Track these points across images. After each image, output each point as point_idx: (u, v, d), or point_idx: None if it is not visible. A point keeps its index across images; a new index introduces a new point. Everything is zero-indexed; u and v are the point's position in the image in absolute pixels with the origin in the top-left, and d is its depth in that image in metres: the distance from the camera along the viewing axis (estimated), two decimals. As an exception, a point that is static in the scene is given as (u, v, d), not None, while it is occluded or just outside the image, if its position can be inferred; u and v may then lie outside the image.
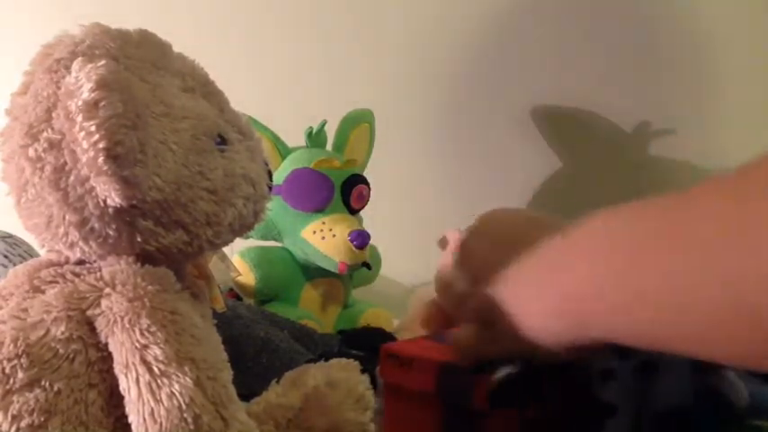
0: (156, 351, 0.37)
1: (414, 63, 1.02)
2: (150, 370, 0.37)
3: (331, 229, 0.76)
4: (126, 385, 0.38)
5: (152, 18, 0.54)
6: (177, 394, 0.37)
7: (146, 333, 0.38)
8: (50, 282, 0.41)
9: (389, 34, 1.03)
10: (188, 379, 0.37)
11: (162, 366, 0.37)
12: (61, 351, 0.38)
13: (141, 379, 0.37)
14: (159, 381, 0.37)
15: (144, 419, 0.37)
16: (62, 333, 0.38)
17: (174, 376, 0.37)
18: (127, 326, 0.38)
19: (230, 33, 1.06)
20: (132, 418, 0.37)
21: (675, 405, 0.47)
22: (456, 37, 1.00)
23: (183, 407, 0.37)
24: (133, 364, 0.37)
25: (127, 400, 0.38)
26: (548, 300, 0.33)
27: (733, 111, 0.93)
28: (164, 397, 0.37)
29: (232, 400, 0.39)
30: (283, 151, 0.80)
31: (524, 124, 1.00)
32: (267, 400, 0.49)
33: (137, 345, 0.38)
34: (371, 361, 0.49)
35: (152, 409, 0.37)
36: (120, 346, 0.38)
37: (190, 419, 0.37)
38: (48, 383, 0.37)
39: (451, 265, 0.43)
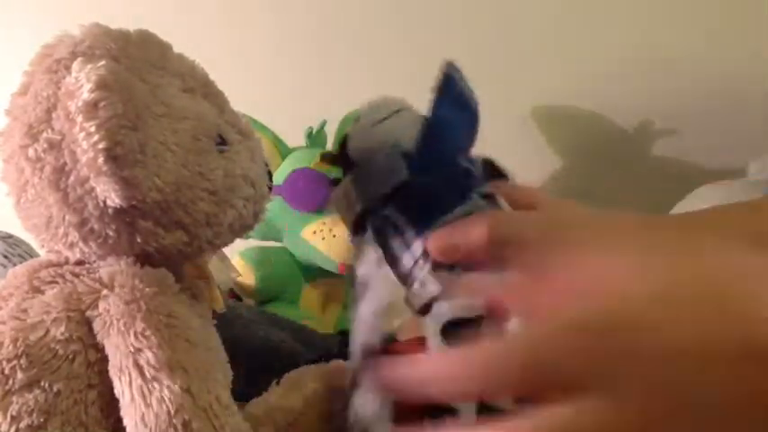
0: (148, 355, 0.37)
1: (413, 63, 1.01)
2: (142, 374, 0.37)
3: (331, 230, 0.76)
4: (120, 389, 0.37)
5: (151, 17, 0.54)
6: (167, 399, 0.36)
7: (140, 337, 0.38)
8: (50, 282, 0.41)
9: (389, 34, 1.03)
10: (177, 386, 0.37)
11: (153, 371, 0.37)
12: (61, 352, 0.38)
13: (134, 383, 0.37)
14: (150, 385, 0.37)
15: (136, 423, 0.36)
16: (62, 334, 0.38)
17: (164, 381, 0.37)
18: (122, 329, 0.38)
19: (230, 33, 1.06)
20: (127, 422, 0.37)
21: None
22: (455, 36, 1.00)
23: (172, 412, 0.36)
24: (126, 367, 0.37)
25: (121, 403, 0.38)
26: None
27: (734, 109, 0.93)
28: (154, 402, 0.36)
29: (224, 406, 0.39)
30: (283, 151, 0.80)
31: (524, 124, 1.00)
32: (267, 402, 0.49)
33: (131, 348, 0.37)
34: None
35: (143, 414, 0.36)
36: (115, 349, 0.38)
37: (179, 425, 0.36)
38: (47, 384, 0.37)
39: None
